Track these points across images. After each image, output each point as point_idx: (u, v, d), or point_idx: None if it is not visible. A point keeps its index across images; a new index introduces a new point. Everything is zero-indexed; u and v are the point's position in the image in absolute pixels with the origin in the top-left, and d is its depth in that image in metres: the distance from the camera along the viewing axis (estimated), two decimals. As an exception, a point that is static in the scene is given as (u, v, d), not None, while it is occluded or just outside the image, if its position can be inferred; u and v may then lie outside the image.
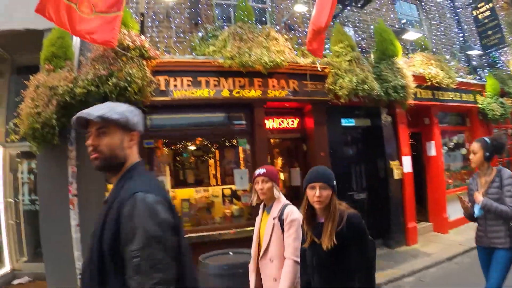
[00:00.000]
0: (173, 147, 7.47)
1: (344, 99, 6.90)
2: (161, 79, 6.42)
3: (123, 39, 5.76)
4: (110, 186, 1.81)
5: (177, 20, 7.25)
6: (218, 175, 7.71)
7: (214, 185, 7.38)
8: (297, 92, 6.97)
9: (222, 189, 7.13)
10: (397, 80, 7.47)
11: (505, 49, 10.84)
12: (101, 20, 5.13)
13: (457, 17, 10.57)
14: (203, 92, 6.52)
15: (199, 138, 7.34)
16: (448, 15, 10.47)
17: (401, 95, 7.48)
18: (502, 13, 10.65)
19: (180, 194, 6.92)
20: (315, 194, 2.45)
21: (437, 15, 10.17)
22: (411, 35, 8.56)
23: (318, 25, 6.07)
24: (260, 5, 8.08)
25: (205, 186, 7.32)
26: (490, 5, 10.19)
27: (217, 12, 7.62)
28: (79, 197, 5.95)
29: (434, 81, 8.41)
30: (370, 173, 8.17)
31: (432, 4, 10.19)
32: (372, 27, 8.49)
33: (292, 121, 7.54)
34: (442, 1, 10.50)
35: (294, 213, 2.98)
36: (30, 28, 6.31)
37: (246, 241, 6.80)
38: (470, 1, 11.00)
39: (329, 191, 2.49)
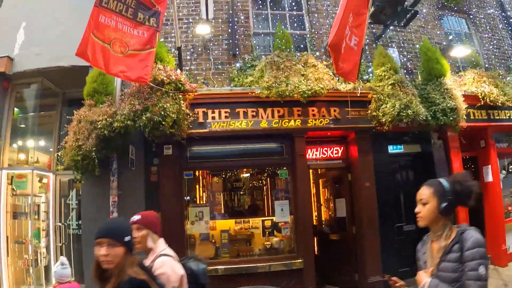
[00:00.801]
0: (211, 179, 7.35)
1: (388, 126, 6.47)
2: (199, 111, 6.41)
3: (157, 74, 5.84)
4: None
5: (215, 52, 7.22)
6: (260, 206, 7.48)
7: (255, 217, 7.15)
8: (338, 120, 6.64)
9: (263, 221, 6.89)
10: (446, 102, 6.91)
11: None
12: (134, 58, 5.23)
13: (510, 28, 9.76)
14: (241, 123, 6.39)
15: (239, 170, 7.19)
16: (501, 26, 9.69)
17: (451, 118, 6.90)
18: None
19: (220, 225, 6.76)
20: (100, 252, 2.03)
21: (488, 27, 9.44)
22: (459, 51, 7.94)
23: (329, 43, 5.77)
24: (298, 32, 7.88)
25: (246, 217, 7.11)
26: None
27: (254, 41, 7.50)
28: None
29: (488, 100, 7.72)
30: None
31: (482, 16, 9.48)
32: (418, 46, 7.99)
33: (336, 150, 7.20)
34: (493, 11, 9.75)
35: (164, 266, 2.52)
36: (76, 65, 6.55)
37: (285, 275, 6.62)
38: (524, 9, 10.15)
39: (119, 249, 2.05)
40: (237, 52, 7.16)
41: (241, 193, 7.54)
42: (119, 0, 5.18)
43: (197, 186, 6.86)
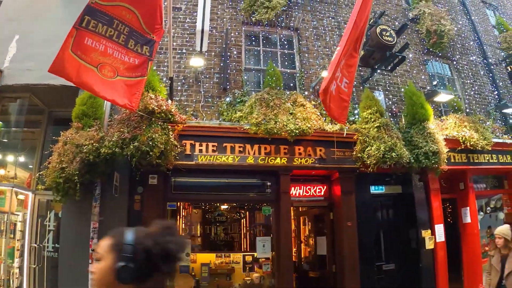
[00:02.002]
0: (193, 211, 7.27)
1: (372, 168, 6.54)
2: (187, 143, 6.37)
3: (149, 103, 5.79)
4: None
5: (206, 84, 7.24)
6: (241, 242, 7.40)
7: (236, 251, 7.06)
8: (324, 160, 6.68)
9: (244, 256, 6.81)
10: (428, 146, 7.03)
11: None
12: (123, 84, 5.02)
13: (491, 75, 10.09)
14: (228, 158, 6.36)
15: (223, 204, 7.13)
16: (482, 72, 10.01)
17: (433, 161, 7.01)
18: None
19: (200, 258, 6.66)
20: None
21: (470, 73, 9.73)
22: (443, 97, 8.16)
23: (321, 89, 5.82)
24: (288, 70, 7.98)
25: (227, 251, 7.01)
26: (526, 58, 9.69)
27: (245, 77, 7.57)
28: (99, 253, 5.83)
29: (468, 144, 7.89)
30: (401, 242, 7.60)
31: (465, 63, 9.79)
32: (403, 90, 8.18)
33: (320, 188, 7.22)
34: (475, 58, 10.09)
35: None
36: (66, 84, 6.41)
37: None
38: (504, 56, 10.52)
39: None
40: (228, 87, 7.20)
41: (223, 227, 7.46)
42: (109, 25, 4.98)
43: (179, 218, 6.76)
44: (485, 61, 10.21)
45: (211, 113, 6.98)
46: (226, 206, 7.39)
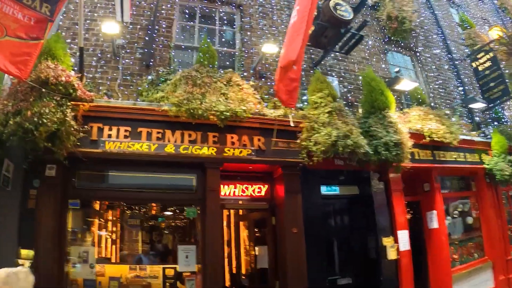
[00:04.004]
0: (102, 213, 5.67)
1: (318, 158, 5.19)
2: (94, 126, 4.91)
3: (42, 71, 4.49)
4: None
5: (126, 60, 5.79)
6: (161, 250, 5.81)
7: (153, 263, 5.46)
8: (263, 152, 5.29)
9: (164, 268, 5.22)
10: (389, 136, 5.78)
11: (509, 102, 9.27)
12: (12, 45, 3.99)
13: (456, 70, 9.10)
14: (142, 146, 4.89)
15: (139, 205, 5.59)
16: (446, 67, 9.01)
17: (394, 153, 5.75)
18: (502, 63, 9.13)
19: (110, 271, 5.05)
20: None
21: (433, 67, 8.69)
22: (405, 84, 6.96)
23: (287, 59, 4.50)
24: (227, 49, 6.62)
25: (142, 263, 5.42)
26: (491, 54, 8.70)
27: (176, 56, 6.13)
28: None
29: (434, 137, 6.72)
30: (358, 252, 6.25)
31: (428, 56, 8.75)
32: (360, 78, 6.97)
33: (259, 188, 5.79)
34: (439, 52, 9.08)
35: None
36: None
37: None
38: (469, 53, 9.58)
39: None
40: (151, 63, 5.76)
41: (139, 232, 5.86)
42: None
43: (85, 220, 5.17)
44: (449, 55, 9.23)
45: (129, 93, 5.50)
46: (147, 209, 5.81)
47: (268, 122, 5.33)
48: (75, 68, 5.25)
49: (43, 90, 4.47)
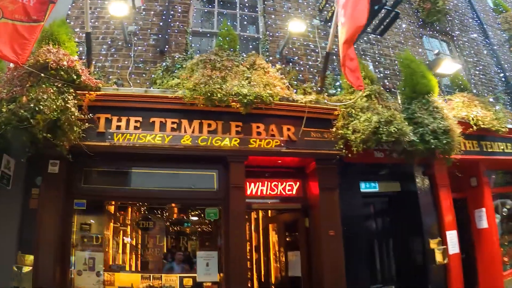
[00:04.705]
0: (112, 214, 4.79)
1: (357, 148, 4.18)
2: (101, 117, 4.11)
3: (42, 55, 3.77)
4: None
5: (139, 47, 4.96)
6: (180, 257, 4.87)
7: (170, 272, 4.54)
8: (293, 143, 4.33)
9: (181, 278, 4.30)
10: (436, 122, 4.73)
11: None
12: (11, 28, 3.50)
13: (495, 55, 7.89)
14: (155, 138, 4.02)
15: (151, 204, 4.69)
16: (485, 52, 7.81)
17: (444, 141, 4.66)
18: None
19: (119, 280, 4.19)
20: None
21: (472, 52, 7.52)
22: (447, 67, 5.80)
23: (354, 26, 3.50)
24: (249, 34, 5.66)
25: (157, 272, 4.52)
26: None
27: (190, 39, 5.26)
28: None
29: (481, 125, 5.56)
30: (402, 257, 5.18)
31: (466, 40, 7.58)
32: (397, 63, 5.93)
33: (290, 185, 4.79)
34: (476, 36, 7.89)
35: None
36: None
37: None
38: (507, 37, 8.36)
39: None
40: (166, 49, 4.91)
41: (153, 237, 4.95)
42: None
43: (92, 222, 4.34)
44: (487, 40, 8.02)
45: (142, 81, 4.67)
46: (163, 211, 4.90)
47: (298, 109, 4.38)
48: (83, 57, 4.49)
49: (42, 75, 3.73)
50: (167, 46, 4.94)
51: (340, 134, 4.32)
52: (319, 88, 4.76)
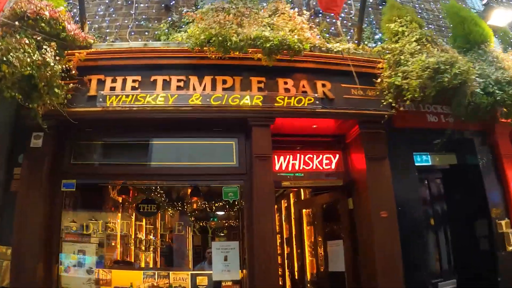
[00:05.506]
0: (107, 196, 3.75)
1: (412, 93, 2.97)
2: (93, 78, 3.09)
3: (17, 3, 2.93)
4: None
5: (141, 4, 3.96)
6: (189, 252, 3.79)
7: (177, 270, 3.45)
8: (330, 102, 3.21)
9: (193, 276, 3.21)
10: (499, 72, 3.54)
11: None
12: None
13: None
14: (156, 99, 2.98)
15: (152, 184, 3.63)
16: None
17: (510, 92, 3.43)
18: None
19: (116, 278, 3.14)
20: None
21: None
22: (500, 16, 4.49)
23: None
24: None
25: (161, 269, 3.45)
26: None
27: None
28: None
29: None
30: (462, 243, 3.96)
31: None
32: (441, 17, 4.72)
33: (328, 158, 3.62)
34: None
35: None
36: None
37: None
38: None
39: None
40: (172, 4, 3.88)
41: (156, 224, 3.87)
42: None
43: (83, 207, 3.33)
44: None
45: (143, 39, 3.65)
46: (160, 191, 3.80)
47: (334, 62, 3.26)
48: (76, 18, 3.55)
49: (17, 23, 2.77)
50: (173, 1, 3.92)
51: (389, 85, 3.16)
52: (356, 42, 3.63)
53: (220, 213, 3.97)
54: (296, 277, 4.27)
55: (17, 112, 3.31)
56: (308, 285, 3.96)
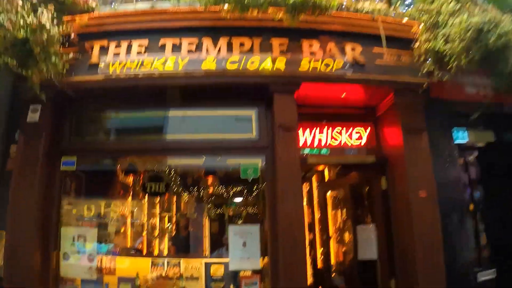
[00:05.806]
0: (111, 175, 3.34)
1: (458, 59, 2.53)
2: (96, 45, 2.68)
3: None
4: None
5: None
6: (205, 238, 3.38)
7: (190, 256, 3.05)
8: (361, 67, 2.75)
9: (207, 265, 2.79)
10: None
11: None
12: None
13: None
14: (165, 64, 2.58)
15: (161, 160, 3.20)
16: None
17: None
18: None
19: (121, 267, 2.75)
20: None
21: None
22: None
23: None
24: None
25: (173, 256, 3.04)
26: None
27: None
28: None
29: None
30: (500, 229, 3.49)
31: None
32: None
33: (358, 132, 3.17)
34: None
35: None
36: None
37: None
38: None
39: None
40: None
41: (166, 206, 3.45)
42: None
43: (85, 188, 2.95)
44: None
45: (151, 0, 3.25)
46: (169, 169, 3.37)
47: (364, 24, 2.82)
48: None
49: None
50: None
51: (427, 50, 2.70)
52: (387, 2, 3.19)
53: (238, 199, 3.54)
54: (319, 266, 3.83)
55: (14, 86, 2.97)
56: (334, 274, 3.52)
